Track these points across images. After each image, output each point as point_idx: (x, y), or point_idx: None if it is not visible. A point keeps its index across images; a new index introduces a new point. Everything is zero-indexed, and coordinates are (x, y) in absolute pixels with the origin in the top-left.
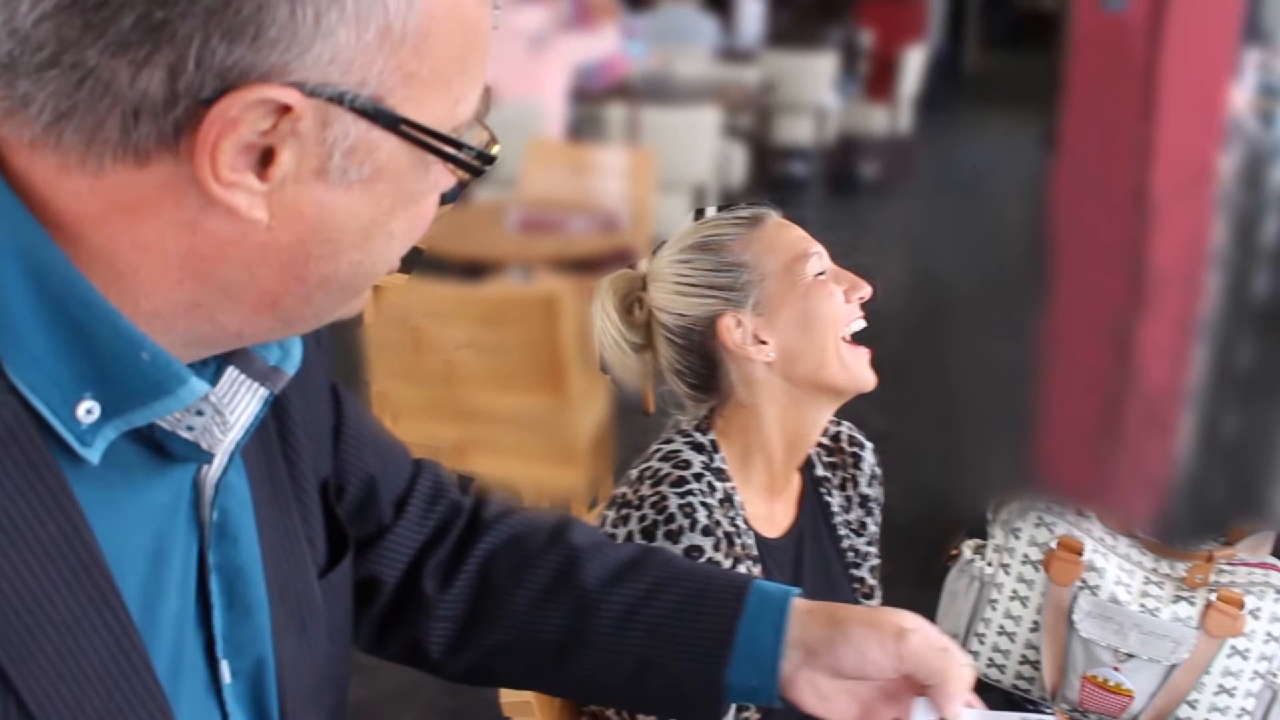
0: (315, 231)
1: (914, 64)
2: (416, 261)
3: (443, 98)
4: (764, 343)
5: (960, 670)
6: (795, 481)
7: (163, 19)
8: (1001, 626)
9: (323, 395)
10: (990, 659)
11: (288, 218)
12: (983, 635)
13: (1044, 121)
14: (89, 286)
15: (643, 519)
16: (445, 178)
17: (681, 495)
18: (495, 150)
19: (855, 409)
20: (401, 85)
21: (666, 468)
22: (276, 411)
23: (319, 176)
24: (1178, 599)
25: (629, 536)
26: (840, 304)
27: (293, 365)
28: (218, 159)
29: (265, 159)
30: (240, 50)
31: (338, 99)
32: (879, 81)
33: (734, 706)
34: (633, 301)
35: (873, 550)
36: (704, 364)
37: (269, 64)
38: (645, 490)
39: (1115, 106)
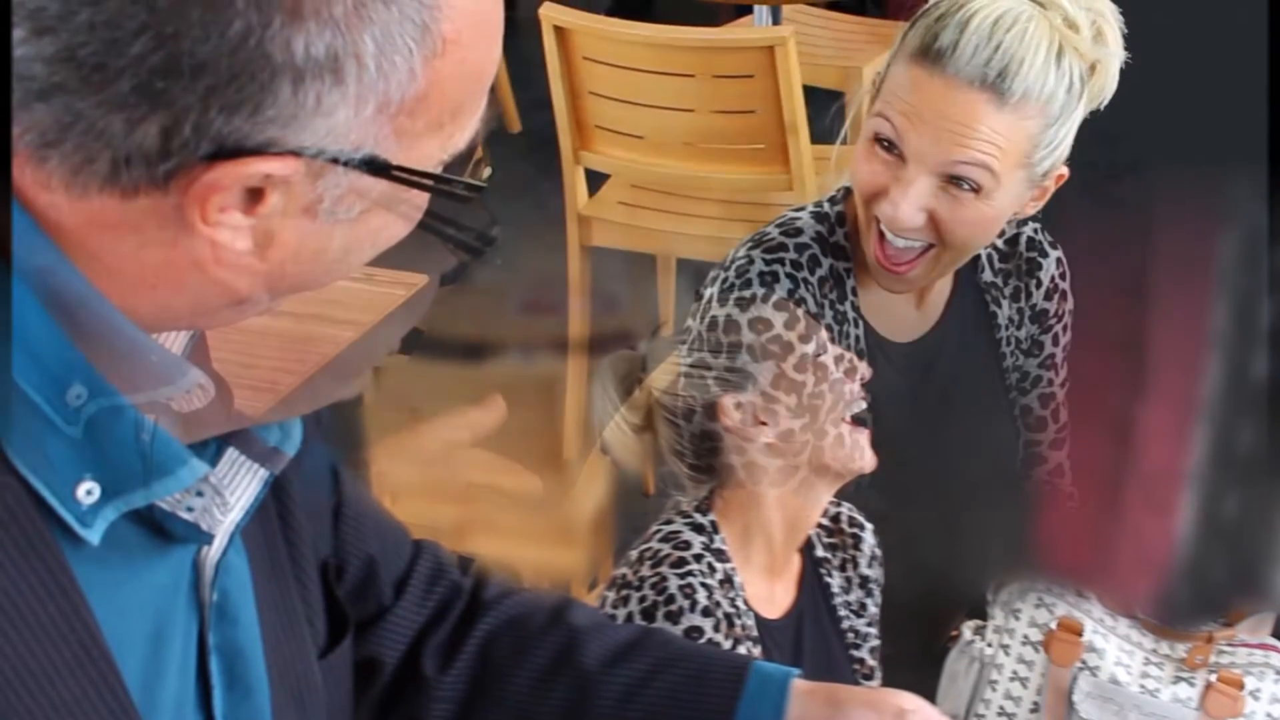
0: (296, 255)
1: None
2: (417, 342)
3: (435, 137)
4: (764, 424)
5: None
6: (795, 562)
7: (163, 89)
8: (1001, 707)
9: (322, 476)
10: None
11: (270, 245)
12: (982, 716)
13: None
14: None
15: (643, 600)
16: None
17: (681, 576)
18: (495, 231)
19: (855, 490)
20: (395, 140)
21: (666, 549)
22: (276, 492)
23: (307, 214)
24: (1178, 680)
25: (629, 617)
26: (840, 385)
27: (293, 446)
28: (206, 208)
29: (254, 195)
30: (238, 121)
31: (331, 160)
32: None
33: None
34: (633, 383)
35: (873, 631)
36: (704, 445)
37: (265, 136)
38: (645, 571)
39: None
